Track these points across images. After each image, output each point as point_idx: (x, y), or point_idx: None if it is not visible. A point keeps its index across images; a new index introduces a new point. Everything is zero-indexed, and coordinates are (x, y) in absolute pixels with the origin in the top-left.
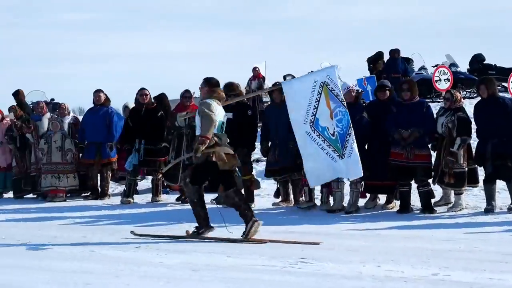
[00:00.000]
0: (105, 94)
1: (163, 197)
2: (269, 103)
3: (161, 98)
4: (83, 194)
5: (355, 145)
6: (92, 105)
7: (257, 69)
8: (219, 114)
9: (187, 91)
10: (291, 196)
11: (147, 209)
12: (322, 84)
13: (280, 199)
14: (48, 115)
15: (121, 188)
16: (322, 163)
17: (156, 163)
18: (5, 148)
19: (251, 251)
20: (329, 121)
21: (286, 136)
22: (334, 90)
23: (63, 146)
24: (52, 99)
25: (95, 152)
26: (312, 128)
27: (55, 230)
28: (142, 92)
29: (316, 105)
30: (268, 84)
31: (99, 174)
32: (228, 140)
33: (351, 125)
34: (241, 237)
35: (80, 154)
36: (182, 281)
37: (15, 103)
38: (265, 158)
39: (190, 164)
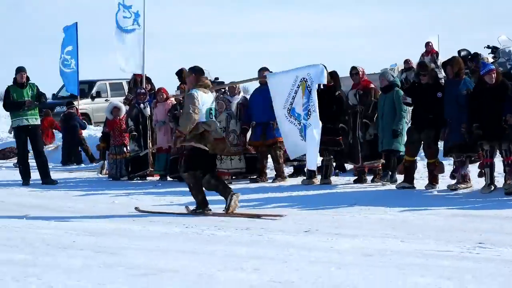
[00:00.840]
0: (271, 72)
1: (333, 179)
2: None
3: (333, 76)
4: (250, 177)
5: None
6: (259, 85)
7: (430, 44)
8: (206, 102)
9: (353, 68)
10: (468, 178)
11: (316, 191)
12: (302, 80)
13: (455, 180)
14: (214, 94)
15: (288, 170)
16: (296, 138)
17: (331, 142)
18: (167, 127)
19: (425, 235)
20: (301, 111)
21: (456, 114)
22: (310, 87)
23: (228, 127)
24: (217, 78)
25: (261, 133)
26: (289, 114)
27: (220, 213)
28: None
29: (294, 96)
30: (441, 59)
31: (269, 156)
32: (218, 125)
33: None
34: (223, 211)
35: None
36: (354, 267)
37: (179, 83)
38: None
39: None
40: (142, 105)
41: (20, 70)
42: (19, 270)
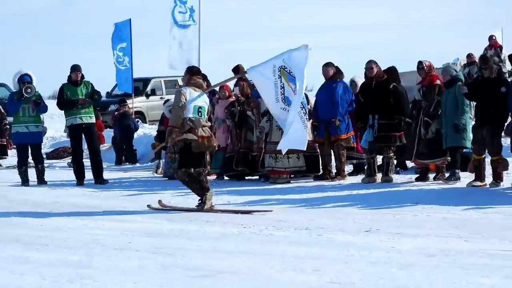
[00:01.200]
0: (335, 67)
1: (394, 177)
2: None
3: (392, 71)
4: (314, 175)
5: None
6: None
7: (493, 37)
8: (195, 100)
9: (419, 62)
10: None
11: (376, 190)
12: (280, 69)
13: None
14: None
15: (348, 168)
16: (298, 130)
17: (392, 138)
18: (226, 125)
19: (490, 235)
20: (294, 98)
21: None
22: (291, 72)
23: None
24: None
25: (324, 130)
26: (286, 104)
27: (279, 213)
28: (368, 66)
29: (282, 86)
30: (505, 53)
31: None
32: (208, 124)
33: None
34: (196, 208)
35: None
36: (416, 267)
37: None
38: None
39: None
40: None
41: (74, 69)
42: (74, 271)
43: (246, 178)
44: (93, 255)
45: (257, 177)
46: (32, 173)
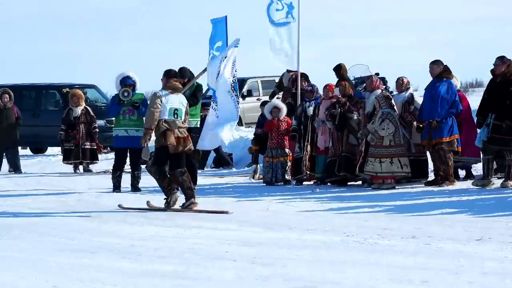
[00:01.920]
0: (444, 66)
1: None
2: None
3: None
4: (417, 180)
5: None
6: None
7: None
8: (171, 102)
9: None
10: None
11: (487, 196)
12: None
13: None
14: (377, 92)
15: (461, 173)
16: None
17: (508, 141)
18: (325, 127)
19: None
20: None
21: None
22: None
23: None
24: (377, 74)
25: (427, 132)
26: (212, 99)
27: (384, 221)
28: (496, 62)
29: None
30: None
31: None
32: (185, 125)
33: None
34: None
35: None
36: None
37: (336, 79)
38: None
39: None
40: (307, 104)
41: (180, 74)
42: (169, 282)
43: (349, 183)
44: (189, 265)
45: (360, 182)
46: (125, 179)
